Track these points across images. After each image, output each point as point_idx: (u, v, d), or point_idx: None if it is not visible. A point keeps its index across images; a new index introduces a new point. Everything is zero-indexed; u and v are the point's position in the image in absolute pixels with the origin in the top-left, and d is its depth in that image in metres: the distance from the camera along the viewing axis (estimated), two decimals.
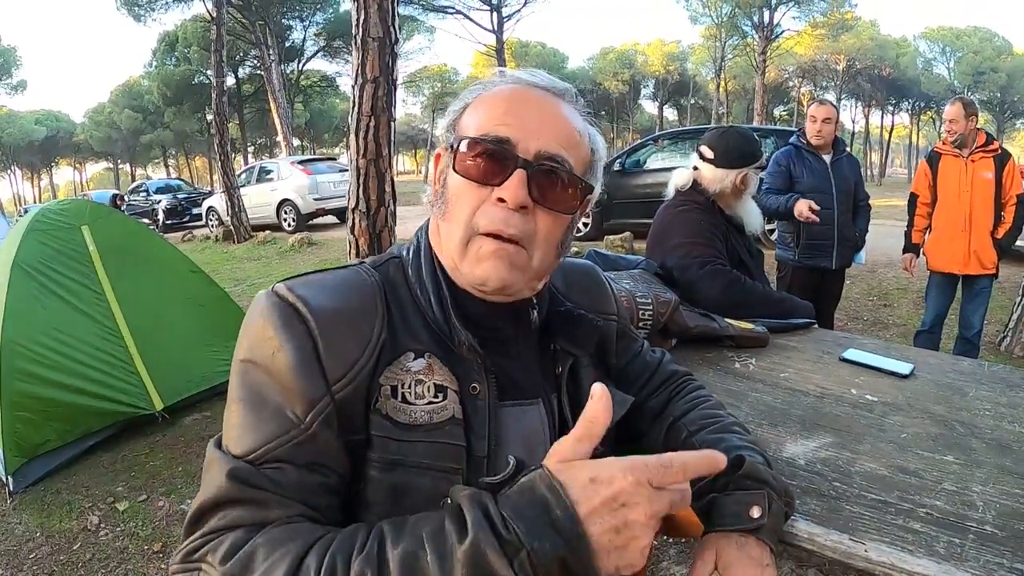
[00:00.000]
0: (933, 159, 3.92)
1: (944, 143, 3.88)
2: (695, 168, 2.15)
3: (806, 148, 3.67)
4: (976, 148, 3.74)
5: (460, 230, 0.79)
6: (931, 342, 3.96)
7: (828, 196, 3.58)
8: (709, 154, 2.11)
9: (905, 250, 4.12)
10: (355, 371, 0.75)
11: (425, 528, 0.62)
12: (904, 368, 1.54)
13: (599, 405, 0.65)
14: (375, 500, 0.76)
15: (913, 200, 4.04)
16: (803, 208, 3.27)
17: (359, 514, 0.76)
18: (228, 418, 0.76)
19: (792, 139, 3.79)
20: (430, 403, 0.78)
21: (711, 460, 0.64)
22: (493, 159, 0.78)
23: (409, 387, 0.78)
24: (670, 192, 2.20)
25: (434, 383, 0.79)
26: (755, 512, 0.82)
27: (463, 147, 0.79)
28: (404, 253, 0.89)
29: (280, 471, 0.71)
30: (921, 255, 4.09)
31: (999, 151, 3.76)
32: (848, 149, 3.84)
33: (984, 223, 3.75)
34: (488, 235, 0.78)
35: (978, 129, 3.77)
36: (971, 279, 3.88)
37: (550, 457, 0.63)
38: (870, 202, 3.89)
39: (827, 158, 3.65)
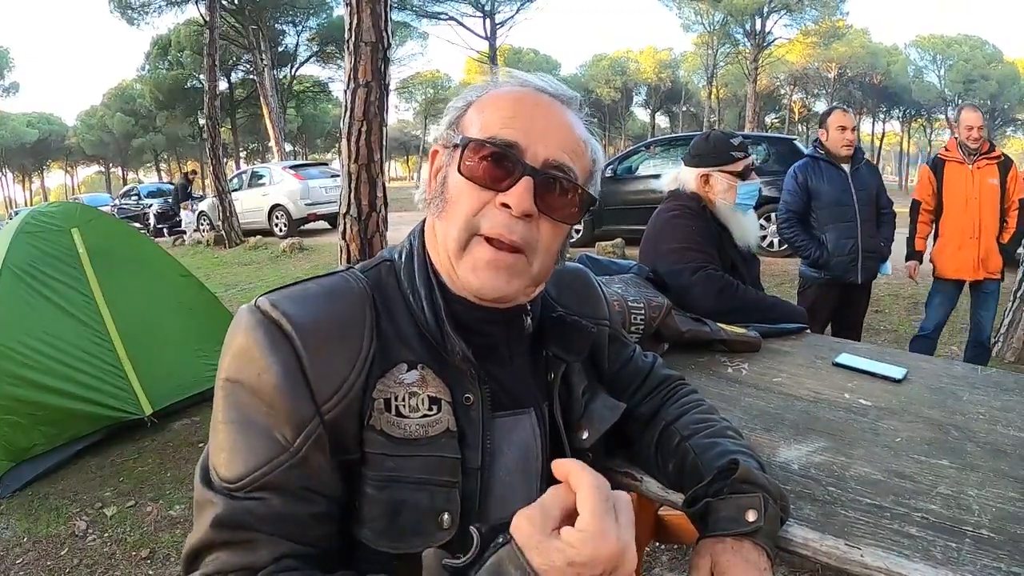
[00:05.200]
0: (937, 165, 3.89)
1: (948, 149, 3.87)
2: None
3: (824, 159, 3.55)
4: (980, 155, 3.75)
5: (458, 230, 0.77)
6: (928, 347, 3.97)
7: (850, 208, 3.48)
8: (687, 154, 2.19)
9: (908, 257, 4.09)
10: (345, 389, 0.73)
11: None
12: (897, 373, 1.54)
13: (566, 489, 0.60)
14: (371, 516, 0.74)
15: (916, 207, 4.00)
16: None
17: (355, 530, 0.75)
18: (216, 440, 0.73)
19: (808, 151, 3.69)
20: (424, 416, 0.76)
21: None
22: (500, 163, 0.76)
23: (403, 400, 0.76)
24: (664, 190, 2.25)
25: (428, 395, 0.77)
26: (751, 516, 0.81)
27: (469, 148, 0.77)
28: (396, 256, 0.87)
29: (265, 503, 0.70)
30: (925, 262, 4.06)
31: (1001, 157, 3.77)
32: (866, 157, 3.74)
33: (992, 230, 3.76)
34: (488, 239, 0.76)
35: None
36: (979, 284, 3.87)
37: (516, 526, 0.59)
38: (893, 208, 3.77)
39: (847, 168, 3.53)
